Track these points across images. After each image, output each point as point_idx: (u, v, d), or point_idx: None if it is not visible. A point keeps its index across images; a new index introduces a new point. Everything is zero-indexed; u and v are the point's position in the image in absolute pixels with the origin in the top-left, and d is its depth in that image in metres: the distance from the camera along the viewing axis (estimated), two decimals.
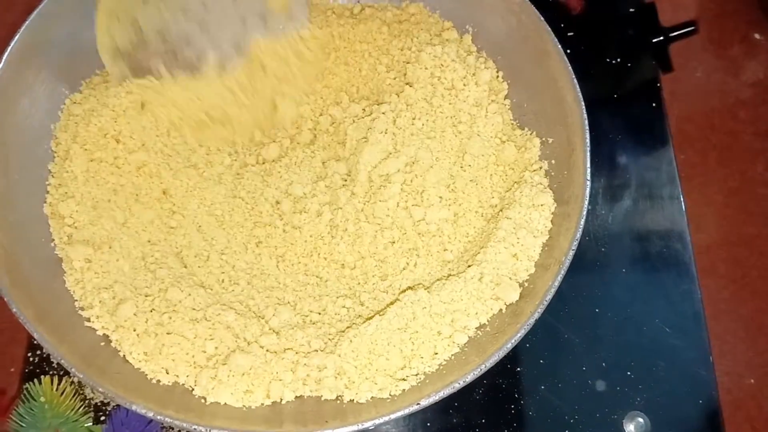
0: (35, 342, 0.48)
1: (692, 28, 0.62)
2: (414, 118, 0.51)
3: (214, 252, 0.48)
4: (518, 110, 0.52)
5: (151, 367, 0.42)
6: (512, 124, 0.52)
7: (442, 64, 0.52)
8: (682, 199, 0.57)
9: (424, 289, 0.45)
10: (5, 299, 0.40)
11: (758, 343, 0.64)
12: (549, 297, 0.41)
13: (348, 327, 0.46)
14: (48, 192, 0.47)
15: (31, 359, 0.50)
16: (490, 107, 0.51)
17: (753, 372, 0.61)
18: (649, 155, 0.59)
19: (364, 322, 0.45)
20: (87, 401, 0.48)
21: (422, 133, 0.51)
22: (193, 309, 0.44)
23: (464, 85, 0.52)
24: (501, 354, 0.40)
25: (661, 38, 0.63)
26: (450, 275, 0.46)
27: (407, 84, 0.52)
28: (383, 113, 0.51)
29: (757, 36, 0.64)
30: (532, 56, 0.50)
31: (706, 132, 0.63)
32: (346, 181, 0.51)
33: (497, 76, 0.53)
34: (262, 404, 0.42)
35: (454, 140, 0.51)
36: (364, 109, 0.53)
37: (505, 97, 0.53)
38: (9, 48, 0.45)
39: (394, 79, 0.54)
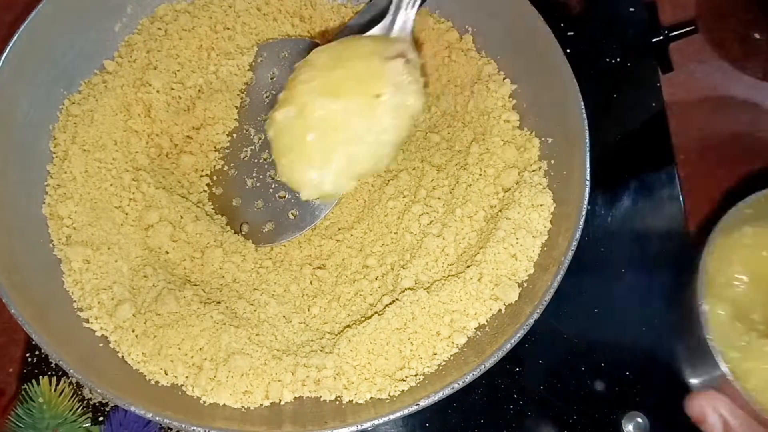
0: (33, 343, 0.48)
1: (692, 28, 0.62)
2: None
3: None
4: (518, 110, 0.51)
5: (149, 368, 0.42)
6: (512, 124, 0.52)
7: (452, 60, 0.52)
8: (681, 199, 0.57)
9: (423, 290, 0.45)
10: (3, 300, 0.40)
11: None
12: (548, 297, 0.41)
13: (347, 327, 0.46)
14: (47, 193, 0.47)
15: (29, 360, 0.50)
16: (502, 115, 0.51)
17: None
18: (649, 155, 0.59)
19: (363, 321, 0.45)
20: (85, 402, 0.48)
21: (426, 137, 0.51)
22: (192, 310, 0.44)
23: (472, 92, 0.52)
24: (500, 354, 0.40)
25: (661, 38, 0.62)
26: (449, 275, 0.46)
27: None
28: None
29: (757, 36, 0.64)
30: (532, 56, 0.50)
31: (706, 132, 0.62)
32: None
33: (502, 78, 0.53)
34: (261, 405, 0.42)
35: (459, 143, 0.52)
36: None
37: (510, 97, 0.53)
38: (8, 48, 0.45)
39: None
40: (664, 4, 0.65)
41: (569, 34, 0.62)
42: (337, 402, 0.42)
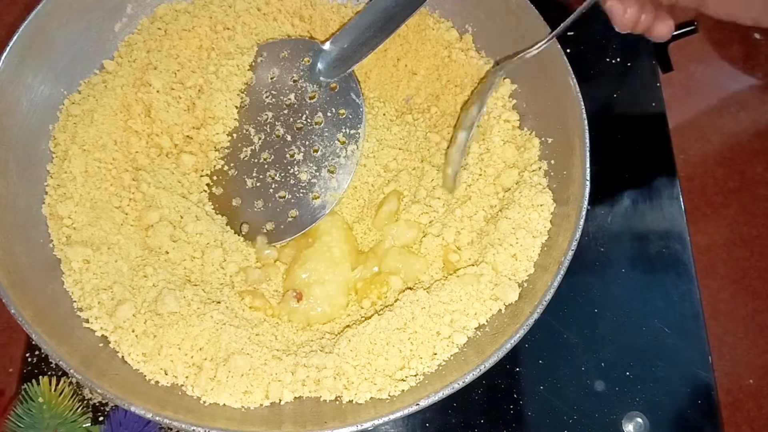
0: (34, 343, 0.48)
1: (692, 28, 0.62)
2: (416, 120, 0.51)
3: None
4: (518, 110, 0.52)
5: (149, 368, 0.42)
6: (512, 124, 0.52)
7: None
8: (681, 199, 0.57)
9: (423, 289, 0.45)
10: (4, 300, 0.40)
11: (758, 344, 0.64)
12: (548, 297, 0.41)
13: (347, 327, 0.46)
14: (47, 193, 0.47)
15: (29, 360, 0.50)
16: (502, 115, 0.51)
17: (752, 372, 0.61)
18: (649, 155, 0.59)
19: (363, 321, 0.45)
20: (85, 402, 0.48)
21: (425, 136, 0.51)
22: (192, 310, 0.44)
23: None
24: (500, 354, 0.40)
25: None
26: (449, 275, 0.46)
27: (413, 73, 0.52)
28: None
29: (757, 36, 0.64)
30: (532, 56, 0.50)
31: (706, 132, 0.62)
32: None
33: (502, 78, 0.53)
34: (261, 405, 0.42)
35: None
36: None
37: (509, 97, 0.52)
38: (8, 48, 0.45)
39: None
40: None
41: (569, 34, 0.62)
42: (337, 402, 0.42)
